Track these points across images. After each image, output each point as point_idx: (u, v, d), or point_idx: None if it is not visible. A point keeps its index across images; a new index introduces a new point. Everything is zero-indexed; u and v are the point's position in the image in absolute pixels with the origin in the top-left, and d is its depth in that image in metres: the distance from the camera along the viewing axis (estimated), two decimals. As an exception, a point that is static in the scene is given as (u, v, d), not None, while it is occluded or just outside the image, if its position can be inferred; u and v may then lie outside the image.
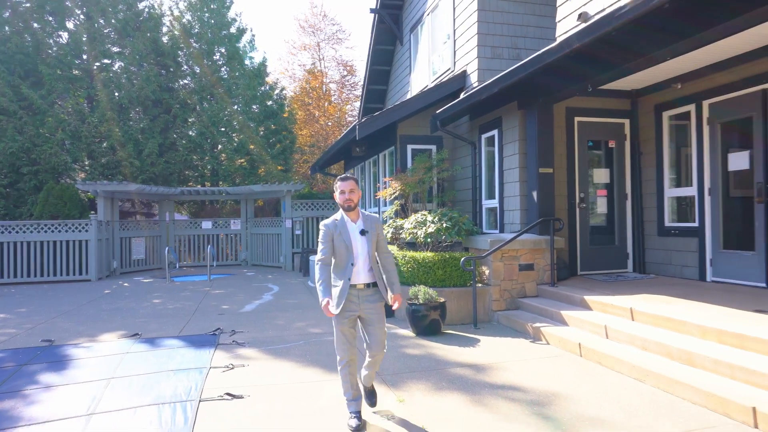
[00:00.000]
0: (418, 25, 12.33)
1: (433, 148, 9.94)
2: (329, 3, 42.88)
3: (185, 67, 18.20)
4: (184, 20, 18.58)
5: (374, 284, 3.71)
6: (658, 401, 3.96)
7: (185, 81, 18.00)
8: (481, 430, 3.53)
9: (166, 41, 17.65)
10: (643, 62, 5.35)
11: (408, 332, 6.48)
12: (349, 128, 10.15)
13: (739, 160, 6.63)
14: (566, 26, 7.10)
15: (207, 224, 16.47)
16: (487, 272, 7.13)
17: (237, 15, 19.58)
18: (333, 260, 3.68)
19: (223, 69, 18.64)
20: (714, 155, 6.94)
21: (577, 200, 8.05)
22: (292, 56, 23.62)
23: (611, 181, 8.27)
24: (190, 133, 17.44)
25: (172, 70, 17.44)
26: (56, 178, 15.28)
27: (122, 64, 16.62)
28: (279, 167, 18.73)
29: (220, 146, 18.12)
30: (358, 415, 3.65)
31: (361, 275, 3.65)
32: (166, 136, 16.79)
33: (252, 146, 17.93)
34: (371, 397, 3.90)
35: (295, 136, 19.53)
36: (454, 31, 10.04)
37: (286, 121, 19.14)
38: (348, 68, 23.07)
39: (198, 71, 17.96)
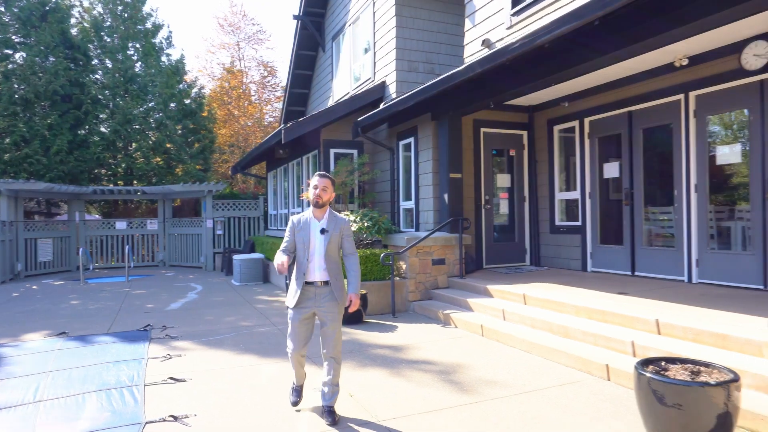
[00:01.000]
0: (339, 34, 12.94)
1: (355, 152, 10.60)
2: (249, 3, 42.32)
3: (96, 61, 17.52)
4: (94, 12, 17.87)
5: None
6: (540, 366, 4.88)
7: (97, 76, 17.32)
8: (398, 394, 4.22)
9: (75, 33, 16.91)
10: (532, 86, 6.36)
11: (333, 322, 7.07)
12: (274, 132, 10.54)
13: (611, 170, 7.90)
14: (472, 49, 8.06)
15: (121, 224, 15.99)
16: (404, 266, 7.90)
17: (153, 10, 19.10)
18: (295, 254, 3.77)
19: (138, 65, 18.13)
20: (593, 164, 8.19)
21: (483, 202, 9.06)
22: (211, 54, 23.34)
23: (512, 185, 9.37)
24: (103, 129, 16.83)
25: (82, 63, 16.73)
26: (-50, 176, 14.22)
27: (24, 55, 15.70)
28: (198, 167, 18.53)
29: (135, 144, 17.61)
30: (298, 391, 3.94)
31: (316, 273, 3.71)
32: (76, 132, 16.10)
33: (169, 145, 17.61)
34: (331, 416, 3.69)
35: (214, 136, 19.39)
36: (374, 43, 10.77)
37: (205, 120, 18.96)
38: (269, 69, 23.16)
39: (111, 66, 17.35)
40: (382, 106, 9.10)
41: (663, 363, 3.34)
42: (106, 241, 15.77)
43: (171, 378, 4.63)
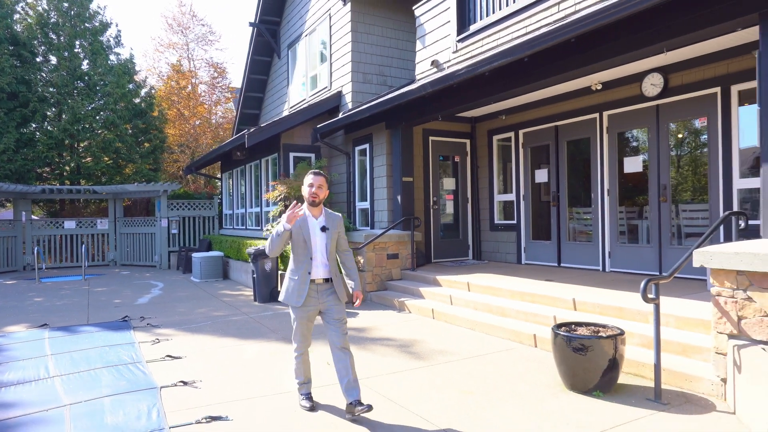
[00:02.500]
0: (296, 43, 13.63)
1: (312, 156, 11.36)
2: (199, 3, 41.96)
3: (41, 58, 17.24)
4: (39, 8, 17.56)
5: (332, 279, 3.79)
6: (481, 339, 5.90)
7: (43, 74, 17.06)
8: (366, 362, 5.10)
9: (20, 30, 16.62)
10: (475, 104, 7.42)
11: (300, 311, 7.86)
12: (237, 135, 11.14)
13: (541, 175, 9.12)
14: (422, 68, 9.07)
15: (70, 224, 15.91)
16: (362, 261, 8.77)
17: (100, 8, 18.94)
18: (291, 253, 3.81)
19: (85, 63, 17.97)
20: (526, 171, 9.39)
21: (431, 203, 10.08)
22: (159, 54, 23.16)
23: (456, 188, 10.46)
24: (50, 128, 16.63)
25: (28, 61, 16.46)
26: None
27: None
28: (148, 166, 18.59)
29: (83, 143, 17.48)
30: (308, 396, 3.92)
31: (319, 270, 3.73)
32: (22, 131, 15.87)
33: (119, 144, 17.59)
34: (367, 406, 3.62)
35: (165, 136, 19.46)
36: (331, 55, 11.58)
37: (156, 120, 19.03)
38: (219, 70, 23.33)
39: (58, 64, 17.14)
40: (341, 115, 9.95)
41: (573, 326, 4.40)
42: (54, 241, 15.65)
43: (168, 356, 5.29)
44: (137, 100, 18.91)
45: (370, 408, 3.61)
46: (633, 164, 7.60)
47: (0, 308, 8.66)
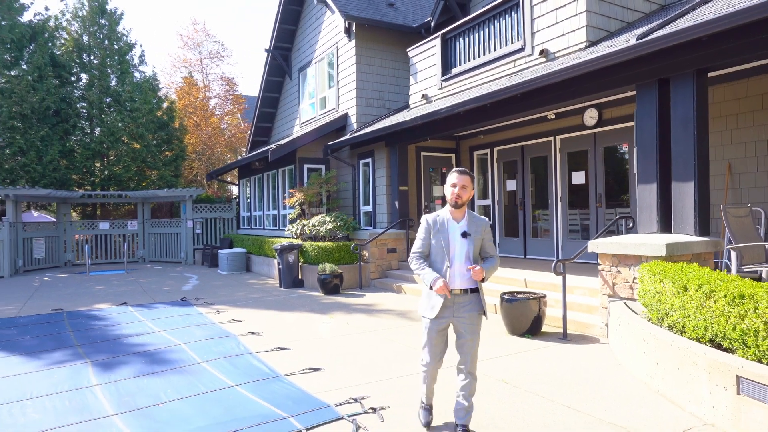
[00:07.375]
0: (306, 67, 15.72)
1: (323, 167, 13.47)
2: (210, 21, 44.42)
3: (74, 77, 19.28)
4: (73, 32, 19.60)
5: (473, 290, 3.44)
6: (458, 309, 8.01)
7: (77, 91, 19.13)
8: (375, 322, 7.21)
9: (59, 53, 18.68)
10: (454, 131, 9.52)
11: (319, 293, 9.98)
12: (261, 150, 13.23)
13: (511, 185, 11.25)
14: (415, 99, 11.23)
15: (104, 225, 17.98)
16: (366, 254, 10.88)
17: (126, 30, 20.98)
18: (429, 258, 3.53)
19: (113, 81, 20.01)
20: (500, 181, 11.52)
21: (423, 207, 12.20)
22: (176, 69, 25.18)
23: (443, 194, 12.54)
24: (87, 140, 18.70)
25: (66, 80, 18.52)
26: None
27: (14, 73, 17.34)
28: (170, 173, 20.66)
29: (116, 152, 19.54)
30: (430, 411, 3.58)
31: (456, 279, 3.39)
32: (64, 143, 17.95)
33: (147, 154, 19.66)
34: (465, 428, 3.45)
35: (185, 146, 21.55)
36: (338, 81, 13.68)
37: (177, 131, 21.10)
38: (230, 84, 25.40)
39: (89, 82, 19.18)
40: (348, 134, 12.06)
41: (514, 293, 6.52)
42: (90, 240, 17.71)
43: (233, 320, 7.40)
44: (159, 113, 20.99)
45: None
46: (578, 177, 9.73)
47: (75, 294, 10.73)
